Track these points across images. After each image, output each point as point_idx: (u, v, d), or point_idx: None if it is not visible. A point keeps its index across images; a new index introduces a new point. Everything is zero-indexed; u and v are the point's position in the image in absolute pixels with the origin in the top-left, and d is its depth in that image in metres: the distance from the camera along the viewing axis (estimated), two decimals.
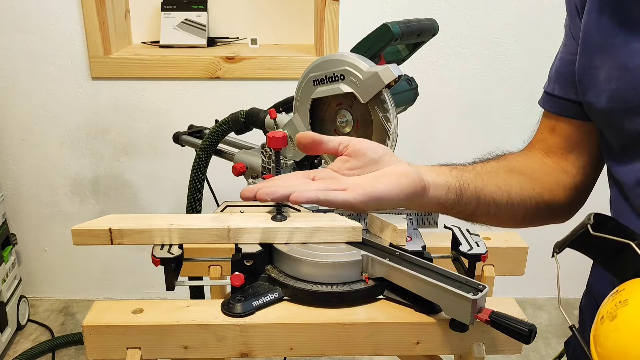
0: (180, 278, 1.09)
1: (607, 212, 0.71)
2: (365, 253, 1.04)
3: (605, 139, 0.72)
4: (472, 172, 0.78)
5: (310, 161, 1.15)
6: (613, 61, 0.64)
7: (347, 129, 1.06)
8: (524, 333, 0.86)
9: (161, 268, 1.03)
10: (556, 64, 0.78)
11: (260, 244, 1.07)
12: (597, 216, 0.61)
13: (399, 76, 0.93)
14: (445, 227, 1.19)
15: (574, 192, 0.82)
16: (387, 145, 1.00)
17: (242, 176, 1.28)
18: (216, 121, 1.33)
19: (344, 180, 0.71)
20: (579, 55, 0.69)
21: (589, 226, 0.61)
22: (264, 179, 1.16)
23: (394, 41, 0.99)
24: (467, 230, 1.17)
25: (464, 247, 1.10)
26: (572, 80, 0.73)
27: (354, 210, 0.84)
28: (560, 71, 0.77)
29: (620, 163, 0.69)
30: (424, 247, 1.09)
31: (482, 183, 0.77)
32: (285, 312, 1.01)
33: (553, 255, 0.63)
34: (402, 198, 0.70)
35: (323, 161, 1.13)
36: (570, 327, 0.62)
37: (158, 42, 2.18)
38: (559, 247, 0.64)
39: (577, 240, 0.63)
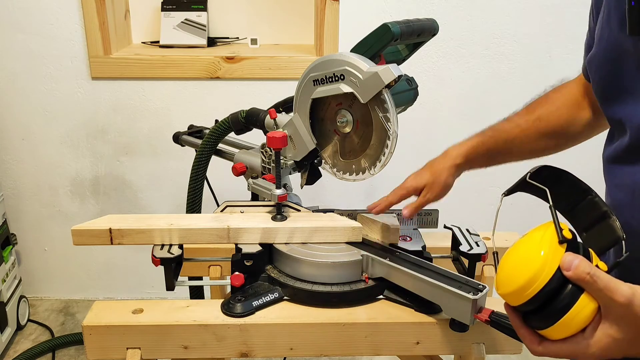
0: (180, 278, 1.09)
1: None
2: (365, 253, 1.04)
3: None
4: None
5: (309, 161, 1.15)
6: (601, 55, 0.76)
7: (347, 129, 1.06)
8: None
9: (161, 268, 1.03)
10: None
11: (260, 244, 1.07)
12: (548, 168, 0.72)
13: (399, 76, 0.93)
14: (445, 227, 1.19)
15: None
16: (387, 145, 1.00)
17: (242, 176, 1.28)
18: (216, 121, 1.33)
19: None
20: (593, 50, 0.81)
21: (528, 174, 0.73)
22: (264, 179, 1.16)
23: (394, 41, 0.99)
24: (467, 230, 1.17)
25: (464, 247, 1.10)
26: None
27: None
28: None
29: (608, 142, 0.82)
30: (424, 247, 1.09)
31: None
32: (285, 312, 1.00)
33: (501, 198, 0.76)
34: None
35: (323, 161, 1.13)
36: (494, 253, 0.75)
37: (158, 42, 2.18)
38: (507, 192, 0.76)
39: (519, 186, 0.74)
